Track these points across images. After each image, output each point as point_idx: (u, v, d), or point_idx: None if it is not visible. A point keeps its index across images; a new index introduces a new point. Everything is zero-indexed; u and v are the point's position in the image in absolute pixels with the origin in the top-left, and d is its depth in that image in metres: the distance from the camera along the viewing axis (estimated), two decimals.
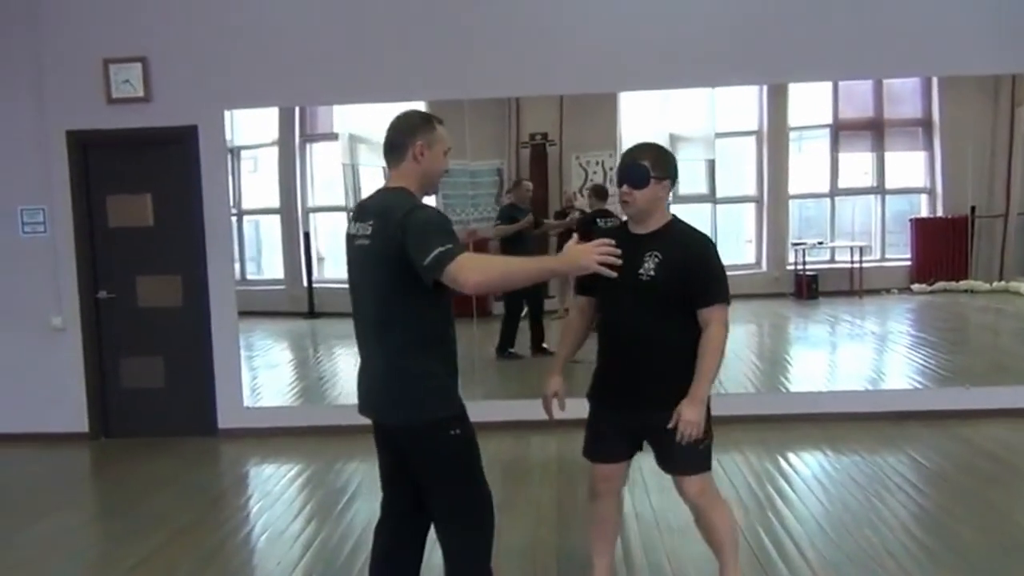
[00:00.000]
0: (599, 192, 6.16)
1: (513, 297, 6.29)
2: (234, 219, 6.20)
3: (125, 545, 4.11)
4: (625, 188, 2.89)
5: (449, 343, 2.72)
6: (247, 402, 6.09)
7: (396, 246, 2.51)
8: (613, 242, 2.55)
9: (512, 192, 6.23)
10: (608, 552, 3.27)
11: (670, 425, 2.87)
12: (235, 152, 6.27)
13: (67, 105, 5.85)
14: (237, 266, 6.24)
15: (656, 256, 2.86)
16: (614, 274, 2.58)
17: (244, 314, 6.12)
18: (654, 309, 2.88)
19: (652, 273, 2.85)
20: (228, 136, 6.00)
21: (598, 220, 5.94)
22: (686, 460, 2.99)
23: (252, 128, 6.53)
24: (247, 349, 6.30)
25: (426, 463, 2.69)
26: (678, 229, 2.96)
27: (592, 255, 2.51)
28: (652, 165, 2.88)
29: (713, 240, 3.03)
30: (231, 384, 6.02)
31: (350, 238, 2.74)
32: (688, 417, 2.86)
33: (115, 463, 5.64)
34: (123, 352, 6.08)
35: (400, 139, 2.69)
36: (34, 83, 5.85)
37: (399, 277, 2.55)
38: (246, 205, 6.56)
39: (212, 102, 5.85)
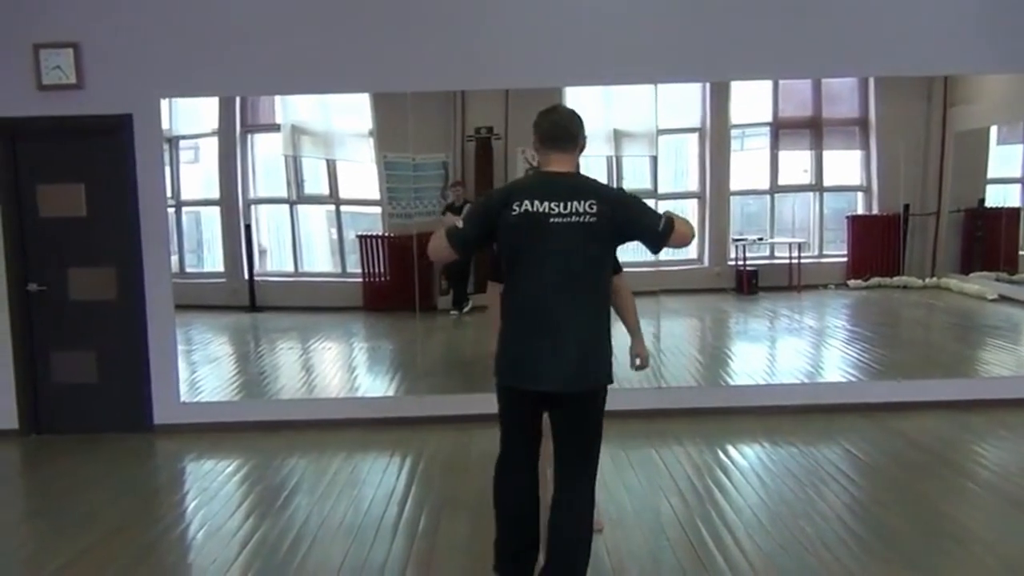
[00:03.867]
0: None
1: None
2: (172, 210, 6.06)
3: (54, 545, 3.99)
4: None
5: None
6: (184, 397, 5.96)
7: (618, 222, 2.97)
8: None
9: (450, 191, 6.23)
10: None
11: None
12: (173, 142, 6.13)
13: None
14: (176, 258, 6.11)
15: None
16: None
17: (183, 307, 5.99)
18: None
19: None
20: (166, 125, 5.86)
21: None
22: None
23: (192, 117, 6.39)
24: (186, 343, 6.18)
25: (595, 418, 3.09)
26: None
27: None
28: None
29: None
30: (167, 379, 5.89)
31: (541, 215, 2.94)
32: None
33: (46, 460, 5.47)
34: (54, 346, 5.90)
35: (575, 130, 3.09)
36: None
37: (609, 252, 3.08)
38: (185, 196, 6.42)
39: (147, 90, 5.69)
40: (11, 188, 5.76)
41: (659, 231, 3.00)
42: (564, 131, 3.08)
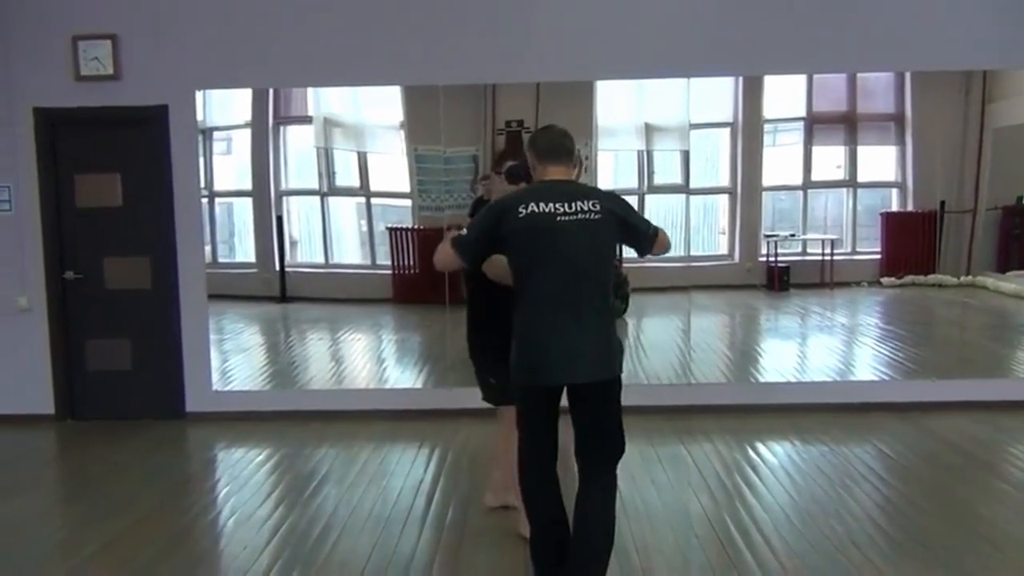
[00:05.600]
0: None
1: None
2: (205, 201, 6.12)
3: (89, 528, 4.06)
4: (523, 185, 3.46)
5: None
6: (216, 386, 6.03)
7: (619, 221, 3.14)
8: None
9: (480, 184, 6.22)
10: None
11: None
12: (207, 133, 6.19)
13: (35, 82, 5.73)
14: (208, 249, 6.18)
15: None
16: None
17: (215, 297, 6.05)
18: None
19: None
20: (200, 117, 5.91)
21: None
22: None
23: (225, 109, 6.46)
24: (217, 332, 6.24)
25: (616, 406, 3.19)
26: None
27: None
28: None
29: None
30: (200, 367, 5.96)
31: (549, 214, 3.05)
32: None
33: (81, 446, 5.56)
34: (90, 334, 5.99)
35: (570, 145, 3.25)
36: (1, 59, 5.72)
37: (613, 249, 3.25)
38: (218, 187, 6.49)
39: (183, 82, 5.75)
40: (50, 178, 5.85)
41: (649, 235, 3.23)
42: (560, 145, 3.23)
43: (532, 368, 3.09)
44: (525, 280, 3.11)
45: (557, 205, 3.06)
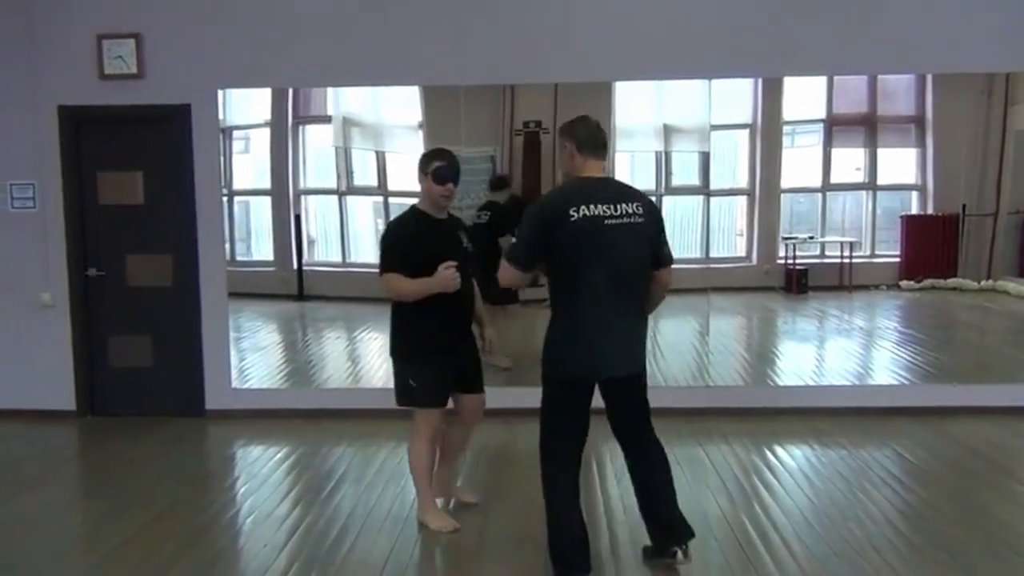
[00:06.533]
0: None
1: None
2: (224, 200, 6.16)
3: (110, 524, 4.10)
4: (451, 186, 3.80)
5: None
6: (235, 383, 6.07)
7: (655, 229, 3.29)
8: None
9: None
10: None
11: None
12: (227, 132, 6.23)
13: (59, 80, 5.79)
14: (227, 247, 6.21)
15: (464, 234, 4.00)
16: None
17: (233, 295, 6.09)
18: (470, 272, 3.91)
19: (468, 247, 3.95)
20: (220, 115, 5.95)
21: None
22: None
23: (244, 108, 6.49)
24: (235, 330, 6.28)
25: (644, 388, 3.44)
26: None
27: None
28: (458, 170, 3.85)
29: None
30: (219, 365, 6.00)
31: (598, 218, 3.15)
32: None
33: (101, 441, 5.61)
34: (112, 330, 6.04)
35: (605, 138, 3.34)
36: (26, 57, 5.78)
37: (650, 253, 3.30)
38: (237, 186, 6.53)
39: (206, 81, 5.79)
40: (74, 176, 5.90)
41: (665, 258, 3.35)
42: (600, 138, 3.32)
43: (582, 363, 3.24)
44: (575, 280, 3.20)
45: (604, 208, 3.15)
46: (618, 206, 3.17)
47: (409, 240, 3.79)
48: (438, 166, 3.82)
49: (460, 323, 3.91)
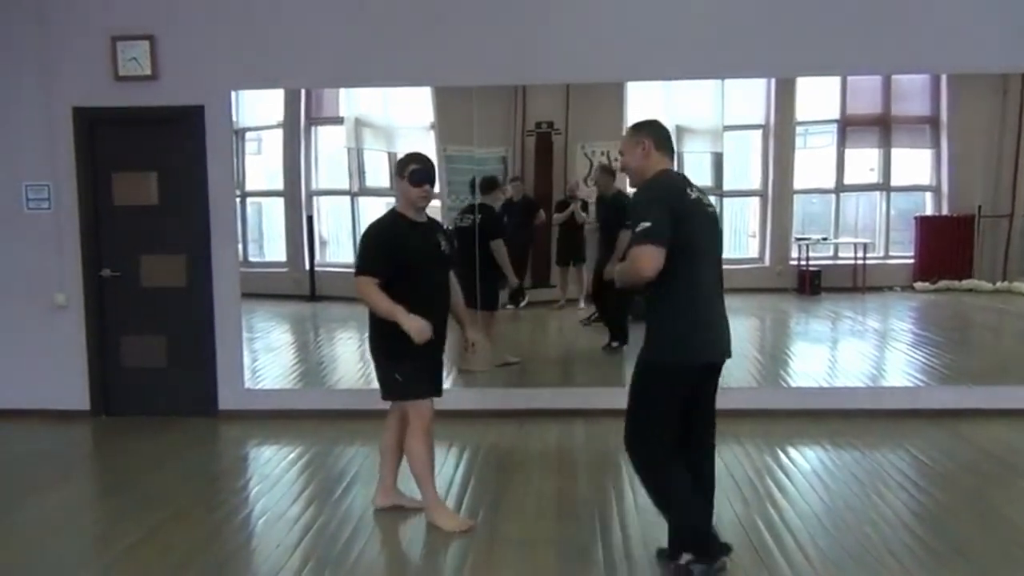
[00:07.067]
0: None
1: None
2: (237, 200, 6.18)
3: (124, 523, 4.11)
4: (427, 187, 3.87)
5: None
6: (248, 384, 6.09)
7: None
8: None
9: (509, 185, 6.25)
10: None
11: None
12: (240, 133, 6.25)
13: (74, 82, 5.82)
14: (240, 248, 6.23)
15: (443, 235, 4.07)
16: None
17: (245, 296, 6.10)
18: (449, 274, 4.06)
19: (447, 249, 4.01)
20: (233, 117, 5.97)
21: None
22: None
23: (257, 109, 6.51)
24: (248, 331, 6.29)
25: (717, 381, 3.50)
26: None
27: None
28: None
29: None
30: (232, 365, 6.02)
31: (695, 203, 3.23)
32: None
33: (115, 441, 5.64)
34: (126, 331, 6.06)
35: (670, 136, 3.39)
36: (41, 59, 5.81)
37: None
38: (249, 187, 6.55)
39: (219, 82, 5.82)
40: (88, 176, 5.93)
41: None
42: (672, 140, 3.41)
43: (701, 346, 3.28)
44: (690, 262, 3.18)
45: (699, 195, 3.28)
46: (704, 196, 3.31)
47: (389, 242, 3.80)
48: (415, 169, 3.84)
49: (436, 324, 3.88)
